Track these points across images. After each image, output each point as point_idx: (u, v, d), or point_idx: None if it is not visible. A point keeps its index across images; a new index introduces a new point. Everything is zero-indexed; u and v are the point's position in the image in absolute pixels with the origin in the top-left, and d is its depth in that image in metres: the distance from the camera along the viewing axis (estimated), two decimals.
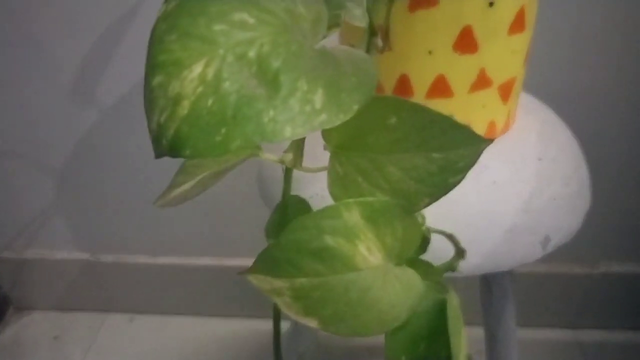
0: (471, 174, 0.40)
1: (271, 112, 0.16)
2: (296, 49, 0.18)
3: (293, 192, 0.43)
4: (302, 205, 0.34)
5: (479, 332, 0.59)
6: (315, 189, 0.40)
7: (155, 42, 0.18)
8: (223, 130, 0.16)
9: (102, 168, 0.80)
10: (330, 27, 0.22)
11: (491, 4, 0.36)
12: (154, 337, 0.95)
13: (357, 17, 0.22)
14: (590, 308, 0.84)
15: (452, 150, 0.25)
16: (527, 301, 0.85)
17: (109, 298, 0.98)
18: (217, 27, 0.18)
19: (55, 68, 0.71)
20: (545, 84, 0.66)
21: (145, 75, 0.18)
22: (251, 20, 0.18)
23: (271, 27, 0.18)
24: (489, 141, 0.25)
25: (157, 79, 0.17)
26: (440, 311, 0.27)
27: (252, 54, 0.17)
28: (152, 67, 0.18)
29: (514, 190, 0.40)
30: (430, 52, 0.37)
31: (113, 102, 0.73)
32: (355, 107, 0.17)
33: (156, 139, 0.17)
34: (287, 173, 0.31)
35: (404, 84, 0.39)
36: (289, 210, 0.34)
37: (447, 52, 0.37)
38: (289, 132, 0.16)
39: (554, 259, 0.80)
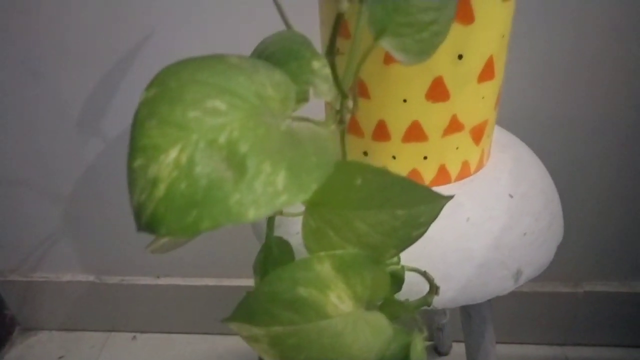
0: (447, 212, 0.43)
1: (237, 195, 0.19)
2: (263, 132, 0.21)
3: (282, 228, 0.46)
4: (285, 247, 0.36)
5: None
6: (300, 227, 0.42)
7: (137, 126, 0.21)
8: (194, 212, 0.19)
9: (106, 194, 0.83)
10: (298, 101, 0.25)
11: (460, 57, 0.39)
12: (156, 355, 0.97)
13: (324, 91, 0.25)
14: (576, 326, 0.86)
15: (414, 207, 0.27)
16: (515, 319, 0.87)
17: (113, 318, 1.00)
18: (192, 115, 0.21)
19: (61, 101, 0.74)
20: (520, 114, 0.69)
21: (128, 156, 0.21)
22: (223, 107, 0.21)
23: (241, 112, 0.21)
24: (447, 198, 0.28)
25: (138, 162, 0.20)
26: (406, 356, 0.30)
27: (222, 139, 0.20)
28: (133, 150, 0.20)
29: (486, 227, 0.42)
30: (404, 101, 0.40)
31: (117, 133, 0.77)
32: (314, 186, 0.20)
33: (136, 216, 0.19)
34: (270, 219, 0.34)
35: (381, 129, 0.42)
36: (273, 250, 0.37)
37: (421, 101, 0.40)
38: (253, 214, 0.19)
39: (539, 278, 0.82)
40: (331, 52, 0.28)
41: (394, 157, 0.43)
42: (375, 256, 0.28)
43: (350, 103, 0.30)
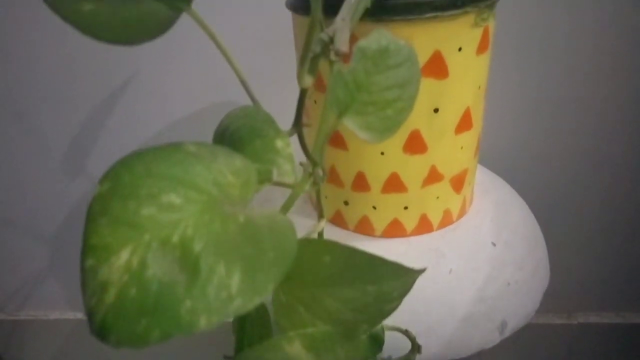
0: (429, 263, 0.42)
1: (189, 302, 0.18)
2: (218, 227, 0.20)
3: None
4: (262, 311, 0.36)
5: None
6: None
7: (89, 223, 0.20)
8: (143, 322, 0.18)
9: None
10: (262, 182, 0.25)
11: (436, 110, 0.38)
12: None
13: (287, 172, 0.24)
14: (570, 358, 0.85)
15: (385, 283, 0.26)
16: (507, 351, 0.85)
17: (102, 356, 0.99)
18: (145, 212, 0.20)
19: (46, 141, 0.74)
20: (502, 151, 0.68)
21: (81, 254, 0.20)
22: (178, 201, 0.21)
23: (197, 206, 0.21)
24: (419, 271, 0.27)
25: (89, 262, 0.19)
26: None
27: (175, 238, 0.20)
28: (85, 248, 0.20)
29: (470, 278, 0.41)
30: (382, 153, 0.40)
31: (101, 172, 0.76)
32: (271, 287, 0.19)
33: (89, 320, 0.19)
34: None
35: (360, 180, 0.42)
36: (251, 313, 0.36)
37: (398, 153, 0.40)
38: (204, 323, 0.18)
39: None
40: (298, 124, 0.28)
41: (374, 207, 0.43)
42: (347, 332, 0.27)
43: (319, 171, 0.29)
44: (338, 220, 0.46)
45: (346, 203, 0.44)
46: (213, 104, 0.68)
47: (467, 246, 0.43)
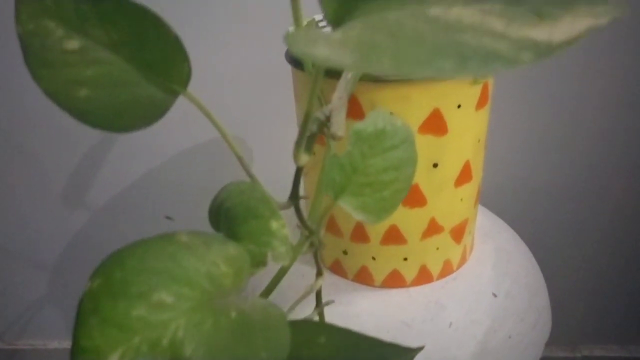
0: (429, 315, 0.42)
1: None
2: (210, 327, 0.20)
3: None
4: None
5: None
6: None
7: (80, 322, 0.20)
8: None
9: (90, 262, 0.82)
10: (256, 265, 0.24)
11: (435, 165, 0.38)
12: None
13: (282, 255, 0.24)
14: None
15: None
16: None
17: None
18: (135, 313, 0.20)
19: (46, 174, 0.73)
20: (503, 187, 0.68)
21: (71, 354, 0.20)
22: (169, 300, 0.20)
23: (189, 303, 0.20)
24: (417, 350, 0.26)
25: None
26: None
27: (165, 341, 0.19)
28: (76, 349, 0.19)
29: (470, 332, 0.41)
30: None
31: (101, 203, 0.76)
32: None
33: None
34: None
35: (360, 231, 0.41)
36: None
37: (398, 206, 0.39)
38: None
39: None
40: (294, 197, 0.27)
41: (373, 258, 0.42)
42: None
43: (316, 239, 0.29)
44: (337, 269, 0.45)
45: (345, 252, 0.43)
46: (210, 140, 0.68)
47: (467, 297, 0.43)
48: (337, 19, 0.17)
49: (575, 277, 0.75)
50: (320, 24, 0.46)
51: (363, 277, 0.44)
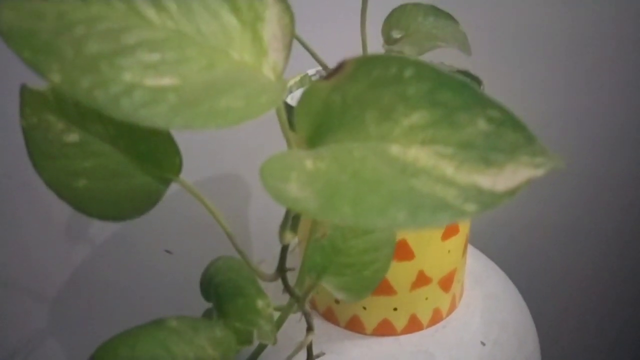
0: None
1: None
2: None
3: None
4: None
5: None
6: None
7: None
8: None
9: (92, 296, 0.83)
10: (242, 343, 0.26)
11: None
12: None
13: (267, 334, 0.25)
14: None
15: None
16: None
17: None
18: None
19: (50, 210, 0.75)
20: (491, 230, 0.69)
21: None
22: None
23: None
24: None
25: None
26: None
27: None
28: None
29: None
30: None
31: (103, 238, 0.77)
32: None
33: None
34: None
35: None
36: None
37: None
38: None
39: None
40: (281, 269, 0.29)
41: (364, 308, 0.44)
42: None
43: (306, 307, 0.30)
44: (330, 316, 0.46)
45: (337, 302, 0.45)
46: (211, 177, 0.70)
47: (456, 346, 0.44)
48: (310, 142, 0.19)
49: (565, 313, 0.76)
50: (313, 78, 0.47)
51: (354, 326, 0.45)
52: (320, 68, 0.48)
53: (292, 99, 0.45)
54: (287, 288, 0.29)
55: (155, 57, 0.18)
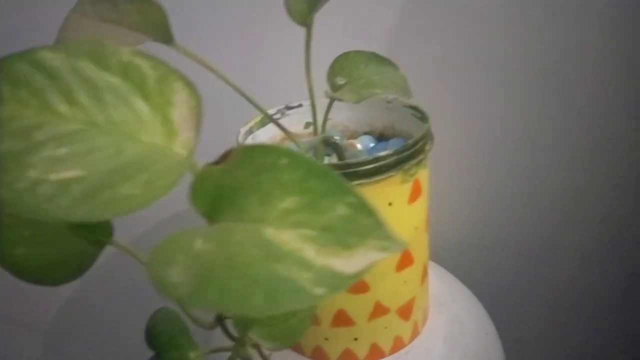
0: None
1: None
2: None
3: None
4: None
5: None
6: None
7: None
8: None
9: (83, 326, 0.86)
10: None
11: None
12: None
13: None
14: None
15: None
16: None
17: None
18: None
19: None
20: (455, 247, 0.70)
21: None
22: None
23: None
24: None
25: None
26: None
27: None
28: None
29: None
30: None
31: (92, 269, 0.79)
32: None
33: None
34: None
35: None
36: None
37: (342, 294, 0.42)
38: None
39: None
40: (220, 317, 0.31)
41: (326, 339, 0.45)
42: None
43: (244, 351, 0.32)
44: (296, 347, 0.48)
45: None
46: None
47: None
48: (209, 219, 0.21)
49: (533, 330, 0.77)
50: (275, 117, 0.49)
51: (319, 355, 0.47)
52: (282, 107, 0.50)
53: (254, 139, 0.47)
54: (227, 335, 0.31)
55: (63, 151, 0.20)
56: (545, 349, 0.80)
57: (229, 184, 0.20)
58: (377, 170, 0.37)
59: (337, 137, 0.49)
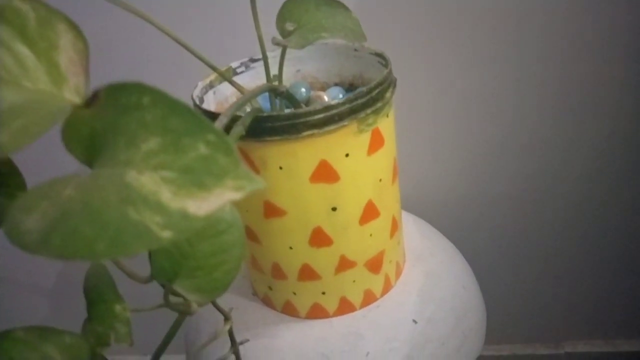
0: (347, 346, 0.44)
1: None
2: None
3: None
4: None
5: None
6: None
7: None
8: None
9: None
10: (101, 345, 0.27)
11: (334, 209, 0.40)
12: None
13: (123, 336, 0.27)
14: None
15: None
16: None
17: None
18: None
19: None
20: (441, 203, 0.68)
21: None
22: None
23: None
24: None
25: None
26: None
27: None
28: None
29: None
30: (291, 248, 0.42)
31: None
32: None
33: None
34: None
35: (277, 270, 0.44)
36: None
37: (305, 247, 0.41)
38: None
39: (518, 339, 0.81)
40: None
41: (294, 293, 0.45)
42: None
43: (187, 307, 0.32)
44: (267, 301, 0.48)
45: (270, 288, 0.46)
46: None
47: (386, 326, 0.44)
48: (87, 163, 0.19)
49: (557, 272, 0.75)
50: (238, 70, 0.48)
51: (289, 310, 0.46)
52: (245, 59, 0.48)
53: (215, 93, 0.46)
54: (165, 291, 0.30)
55: None
56: (530, 304, 0.78)
57: (100, 127, 0.19)
58: (330, 119, 0.36)
59: (303, 89, 0.47)
